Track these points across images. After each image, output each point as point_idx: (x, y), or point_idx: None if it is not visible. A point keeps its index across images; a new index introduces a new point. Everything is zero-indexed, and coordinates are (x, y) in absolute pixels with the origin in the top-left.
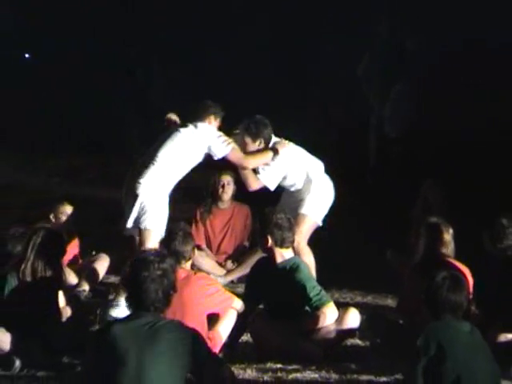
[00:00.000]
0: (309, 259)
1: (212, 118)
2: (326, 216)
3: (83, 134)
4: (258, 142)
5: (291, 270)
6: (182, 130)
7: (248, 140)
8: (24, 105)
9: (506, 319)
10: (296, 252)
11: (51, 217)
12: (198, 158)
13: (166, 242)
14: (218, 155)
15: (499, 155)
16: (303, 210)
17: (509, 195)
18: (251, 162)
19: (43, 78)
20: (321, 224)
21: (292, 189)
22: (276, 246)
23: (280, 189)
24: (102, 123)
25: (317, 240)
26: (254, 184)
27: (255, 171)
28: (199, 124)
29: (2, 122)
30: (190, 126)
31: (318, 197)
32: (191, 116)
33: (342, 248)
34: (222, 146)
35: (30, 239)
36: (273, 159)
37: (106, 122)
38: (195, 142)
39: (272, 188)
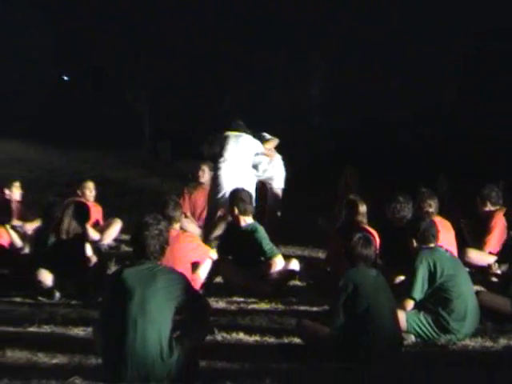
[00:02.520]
0: None
1: None
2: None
3: (105, 134)
4: None
5: (251, 231)
6: None
7: None
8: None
9: (400, 267)
10: None
11: (78, 192)
12: None
13: (161, 209)
14: None
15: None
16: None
17: (405, 179)
18: None
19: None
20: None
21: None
22: (240, 215)
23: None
24: (116, 126)
25: None
26: None
27: None
28: None
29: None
30: None
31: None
32: None
33: (288, 217)
34: None
35: (65, 209)
36: None
37: (120, 125)
38: None
39: None
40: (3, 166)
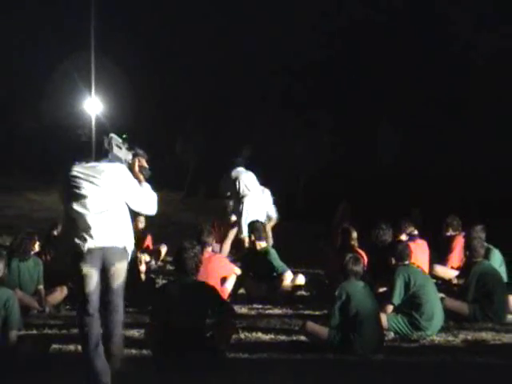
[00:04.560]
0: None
1: None
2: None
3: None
4: None
5: (265, 253)
6: None
7: None
8: None
9: (381, 276)
10: None
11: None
12: None
13: (197, 235)
14: None
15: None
16: None
17: (387, 211)
18: None
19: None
20: None
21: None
22: (256, 240)
23: None
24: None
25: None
26: None
27: None
28: None
29: None
30: None
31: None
32: None
33: (295, 241)
34: None
35: None
36: None
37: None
38: None
39: None
40: None
